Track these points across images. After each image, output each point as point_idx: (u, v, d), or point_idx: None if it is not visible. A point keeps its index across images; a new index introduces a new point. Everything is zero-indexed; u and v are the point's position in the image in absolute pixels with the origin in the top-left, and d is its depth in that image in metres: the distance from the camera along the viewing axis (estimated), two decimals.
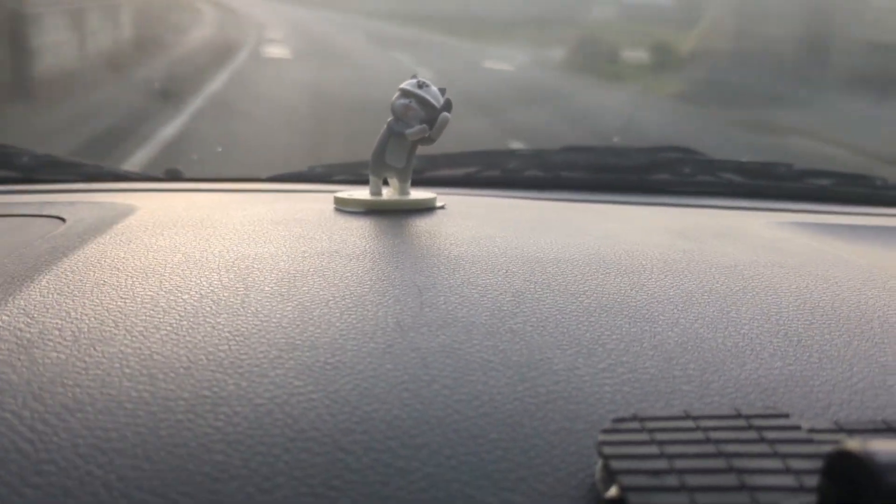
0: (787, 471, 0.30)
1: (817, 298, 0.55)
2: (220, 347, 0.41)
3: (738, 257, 0.65)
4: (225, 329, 0.44)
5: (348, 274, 0.54)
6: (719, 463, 0.30)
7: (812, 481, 0.29)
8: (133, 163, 3.22)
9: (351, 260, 0.57)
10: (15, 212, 0.77)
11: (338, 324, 0.45)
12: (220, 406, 0.36)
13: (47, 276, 0.52)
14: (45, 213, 0.75)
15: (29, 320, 0.45)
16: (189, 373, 0.39)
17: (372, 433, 0.34)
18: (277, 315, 0.46)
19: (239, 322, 0.45)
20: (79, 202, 0.81)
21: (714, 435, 0.32)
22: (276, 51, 7.80)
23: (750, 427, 0.33)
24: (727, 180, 1.11)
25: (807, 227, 0.84)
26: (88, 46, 5.77)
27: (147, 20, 7.77)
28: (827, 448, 0.26)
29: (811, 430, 0.33)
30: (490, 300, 0.50)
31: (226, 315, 0.46)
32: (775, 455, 0.31)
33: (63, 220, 0.72)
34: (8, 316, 0.46)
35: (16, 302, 0.48)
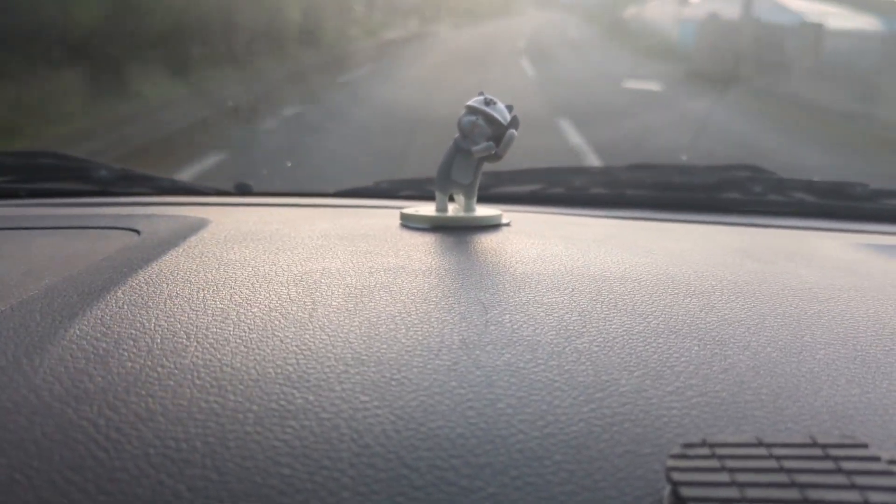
0: None
1: None
2: (289, 361, 0.42)
3: (811, 279, 0.63)
4: (293, 343, 0.44)
5: (414, 290, 0.54)
6: (793, 493, 0.30)
7: None
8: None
9: (417, 276, 0.58)
10: (92, 224, 0.80)
11: (403, 340, 0.45)
12: (288, 419, 0.36)
13: (122, 288, 0.54)
14: (120, 225, 0.78)
15: (105, 331, 0.46)
16: (258, 385, 0.39)
17: (436, 451, 0.34)
18: (344, 330, 0.46)
19: (306, 336, 0.45)
20: (153, 215, 0.83)
21: (788, 464, 0.31)
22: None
23: (826, 457, 0.32)
24: (799, 200, 1.08)
25: (883, 249, 0.81)
26: None
27: None
28: None
29: (891, 462, 0.32)
30: (556, 319, 0.49)
31: (294, 329, 0.46)
32: (853, 487, 0.30)
33: (138, 232, 0.74)
34: (85, 326, 0.47)
35: (93, 313, 0.49)
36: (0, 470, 0.33)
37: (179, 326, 0.47)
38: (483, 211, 0.81)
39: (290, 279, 0.56)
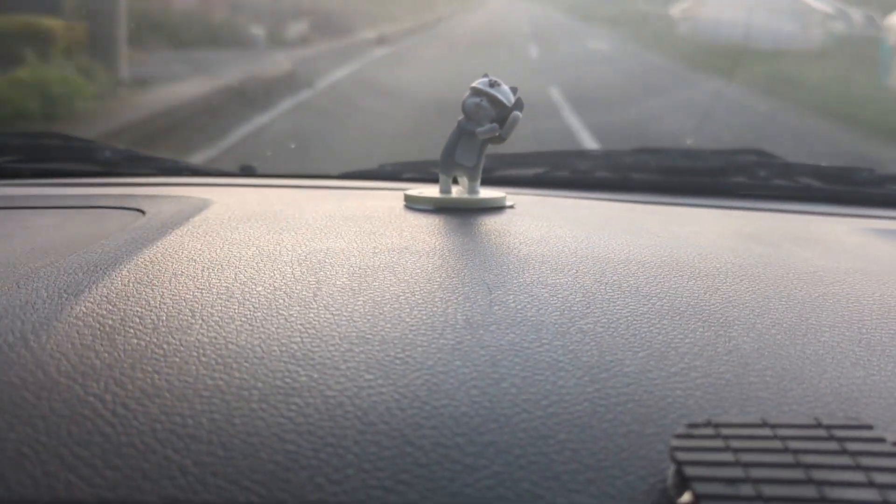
0: (871, 484, 0.29)
1: None
2: (293, 339, 0.42)
3: (816, 263, 0.63)
4: (297, 321, 0.44)
5: (418, 270, 0.54)
6: (798, 474, 0.30)
7: None
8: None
9: (421, 257, 0.57)
10: (97, 203, 0.80)
11: (408, 319, 0.45)
12: (293, 397, 0.37)
13: (128, 266, 0.54)
14: (125, 205, 0.78)
15: (111, 308, 0.46)
16: (262, 363, 0.39)
17: (440, 429, 0.35)
18: (349, 309, 0.46)
19: (311, 315, 0.45)
20: (157, 195, 0.83)
21: (793, 444, 0.31)
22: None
23: (831, 438, 0.32)
24: (805, 185, 1.08)
25: (889, 234, 0.81)
26: None
27: None
28: None
29: None
30: (560, 300, 0.49)
31: (298, 307, 0.46)
32: (857, 468, 0.30)
33: (143, 212, 0.74)
34: (92, 303, 0.47)
35: (99, 290, 0.49)
36: (8, 445, 0.33)
37: (185, 304, 0.47)
38: (487, 193, 0.80)
39: (294, 259, 0.56)
